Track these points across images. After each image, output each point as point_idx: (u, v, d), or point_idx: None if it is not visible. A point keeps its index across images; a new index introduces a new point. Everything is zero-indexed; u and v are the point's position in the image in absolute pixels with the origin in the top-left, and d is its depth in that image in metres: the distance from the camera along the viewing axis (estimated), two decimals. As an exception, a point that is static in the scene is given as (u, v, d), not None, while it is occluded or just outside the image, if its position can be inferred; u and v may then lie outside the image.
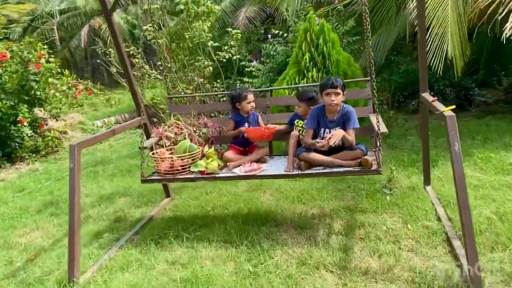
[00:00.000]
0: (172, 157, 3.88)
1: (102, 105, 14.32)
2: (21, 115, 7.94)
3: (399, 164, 5.35)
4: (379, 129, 3.45)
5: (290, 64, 6.10)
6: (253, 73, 8.63)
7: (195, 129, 4.36)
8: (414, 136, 6.59)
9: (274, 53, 8.22)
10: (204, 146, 4.23)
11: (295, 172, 3.66)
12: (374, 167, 3.48)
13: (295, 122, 4.11)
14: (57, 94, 8.86)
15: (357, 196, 4.60)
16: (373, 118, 3.63)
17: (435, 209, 4.01)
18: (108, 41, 15.59)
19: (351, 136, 3.66)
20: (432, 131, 6.42)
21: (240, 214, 4.43)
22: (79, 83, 9.22)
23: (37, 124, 8.43)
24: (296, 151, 3.76)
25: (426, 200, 4.26)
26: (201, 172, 3.85)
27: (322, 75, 5.68)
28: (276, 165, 3.94)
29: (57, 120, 8.90)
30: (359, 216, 4.10)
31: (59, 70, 8.81)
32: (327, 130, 3.77)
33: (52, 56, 8.80)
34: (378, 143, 3.48)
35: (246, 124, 4.22)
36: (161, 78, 6.00)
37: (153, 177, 3.96)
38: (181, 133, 4.22)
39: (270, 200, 4.75)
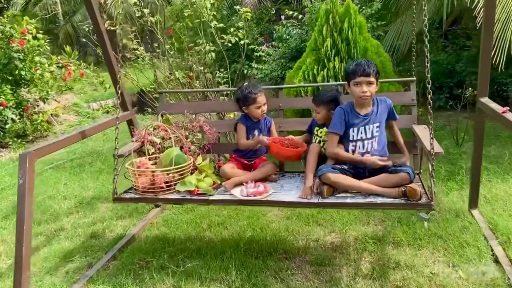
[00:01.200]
0: (153, 171, 3.01)
1: (101, 86, 13.48)
2: (2, 97, 7.09)
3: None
4: (433, 148, 2.55)
5: (307, 51, 5.16)
6: (263, 58, 7.70)
7: (187, 133, 3.48)
8: (447, 140, 5.67)
9: (287, 37, 7.28)
10: (197, 156, 3.35)
11: (314, 200, 2.77)
12: (423, 199, 2.59)
13: (315, 130, 3.21)
14: (47, 74, 7.99)
15: (387, 219, 3.72)
16: (422, 132, 2.73)
17: (491, 247, 3.13)
18: (115, 17, 14.64)
19: (398, 131, 3.10)
20: (470, 136, 5.50)
21: (242, 237, 3.58)
22: (71, 63, 8.30)
23: (23, 107, 7.59)
24: (317, 169, 2.87)
25: (476, 231, 3.38)
26: (191, 192, 2.99)
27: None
28: (289, 187, 3.06)
29: (44, 103, 8.05)
30: (391, 250, 3.23)
31: (47, 47, 7.91)
32: (360, 129, 2.91)
33: (41, 31, 7.90)
34: (431, 167, 2.57)
35: (256, 132, 3.34)
36: (155, 62, 5.08)
37: (128, 195, 3.09)
38: (170, 138, 3.33)
39: (278, 218, 3.89)
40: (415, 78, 3.24)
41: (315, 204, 2.75)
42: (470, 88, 5.42)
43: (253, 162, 3.35)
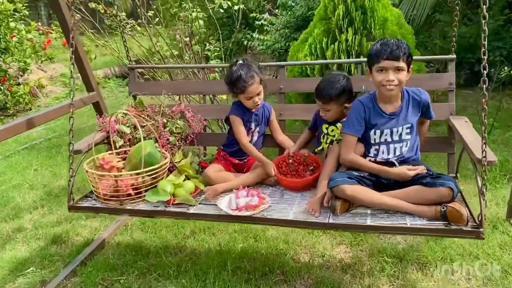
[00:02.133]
0: (116, 174, 2.33)
1: (97, 53, 12.64)
2: (-27, 67, 6.38)
3: (461, 174, 3.75)
4: (485, 156, 1.86)
5: (315, 20, 4.40)
6: (265, 28, 6.92)
7: (166, 120, 2.78)
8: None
9: (292, 3, 6.47)
10: (176, 151, 2.67)
11: (323, 218, 2.10)
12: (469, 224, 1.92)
13: (323, 128, 2.52)
14: (27, 42, 7.24)
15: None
16: (464, 128, 2.07)
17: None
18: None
19: (426, 129, 2.47)
20: (501, 122, 4.81)
21: (231, 250, 2.93)
22: (52, 30, 7.52)
23: (-1, 78, 6.88)
24: (329, 178, 2.19)
25: (521, 249, 2.72)
26: (167, 202, 2.32)
27: (361, 38, 4.01)
28: (291, 195, 2.39)
29: (24, 73, 7.32)
30: (415, 273, 2.58)
31: (27, 12, 7.12)
32: (385, 131, 2.25)
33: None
34: (481, 181, 1.90)
35: (252, 126, 2.64)
36: (139, 30, 4.34)
37: (87, 203, 2.43)
38: (143, 126, 2.64)
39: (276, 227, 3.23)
40: (454, 56, 2.51)
41: (324, 225, 2.08)
42: (505, 68, 4.67)
43: (245, 161, 2.67)
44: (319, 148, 2.57)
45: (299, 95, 4.02)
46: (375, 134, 2.24)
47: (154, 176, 2.37)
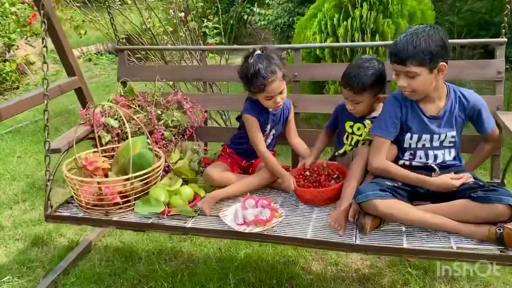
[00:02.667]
0: (100, 181, 1.95)
1: (88, 28, 12.04)
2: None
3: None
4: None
5: (324, -7, 3.97)
6: (267, 1, 6.46)
7: (160, 112, 2.39)
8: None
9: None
10: (172, 149, 2.29)
11: (349, 238, 1.74)
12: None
13: (347, 126, 2.14)
14: (11, 16, 6.73)
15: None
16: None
17: None
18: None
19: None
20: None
21: (234, 258, 2.58)
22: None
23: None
24: (355, 189, 1.83)
25: None
26: (161, 212, 1.95)
27: (377, 15, 3.59)
28: (307, 208, 2.02)
29: (10, 50, 6.85)
30: (446, 290, 2.25)
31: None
32: (423, 137, 1.88)
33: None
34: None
35: (269, 127, 2.24)
36: (129, 3, 3.89)
37: (67, 212, 2.06)
38: (134, 119, 2.26)
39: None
40: (505, 40, 2.11)
41: (351, 247, 1.72)
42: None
43: (252, 161, 2.29)
44: (340, 151, 2.19)
45: (311, 85, 3.61)
46: (411, 138, 1.88)
47: (145, 181, 1.99)
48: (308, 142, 2.27)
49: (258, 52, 2.05)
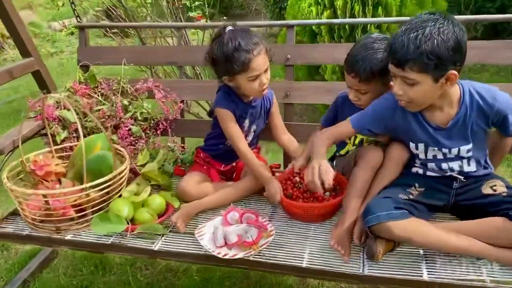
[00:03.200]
0: (45, 193, 1.58)
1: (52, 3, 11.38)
2: None
3: None
4: None
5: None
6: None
7: (127, 102, 2.00)
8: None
9: None
10: (143, 146, 1.92)
11: (356, 267, 1.39)
12: None
13: (348, 120, 1.76)
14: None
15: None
16: None
17: None
18: None
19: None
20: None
21: (217, 269, 2.23)
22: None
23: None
24: (363, 208, 1.48)
25: None
26: (125, 229, 1.59)
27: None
28: (303, 224, 1.65)
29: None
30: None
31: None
32: (431, 148, 1.51)
33: None
34: None
35: (247, 122, 1.84)
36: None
37: (10, 228, 1.69)
38: (97, 111, 1.88)
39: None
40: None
41: (359, 278, 1.37)
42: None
43: (234, 164, 1.92)
44: (342, 152, 1.82)
45: (306, 69, 3.21)
46: (416, 149, 1.54)
47: (105, 190, 1.63)
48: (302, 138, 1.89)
49: (230, 27, 1.66)
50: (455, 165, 1.52)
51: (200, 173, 1.81)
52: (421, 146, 1.52)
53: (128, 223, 1.59)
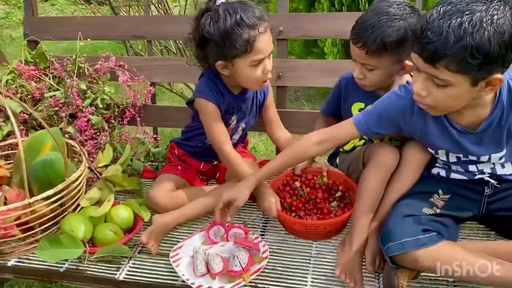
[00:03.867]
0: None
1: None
2: None
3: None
4: None
5: None
6: None
7: (86, 85, 1.64)
8: None
9: None
10: (105, 140, 1.59)
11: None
12: None
13: (354, 107, 1.45)
14: None
15: None
16: None
17: None
18: None
19: None
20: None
21: None
22: None
23: None
24: (375, 223, 1.19)
25: None
26: (84, 252, 1.27)
27: None
28: (302, 242, 1.35)
29: None
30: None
31: None
32: (454, 154, 1.23)
33: None
34: None
35: (234, 118, 1.49)
36: None
37: None
38: (48, 98, 1.52)
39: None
40: None
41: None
42: None
43: (215, 162, 1.60)
44: (346, 147, 1.50)
45: (304, 43, 2.83)
46: (436, 153, 1.24)
47: (58, 203, 1.30)
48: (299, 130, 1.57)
49: (223, 0, 1.30)
50: (485, 167, 1.23)
51: (175, 176, 1.48)
52: (441, 152, 1.23)
53: (85, 246, 1.27)
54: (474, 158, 1.20)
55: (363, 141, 1.46)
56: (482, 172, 1.24)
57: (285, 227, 1.38)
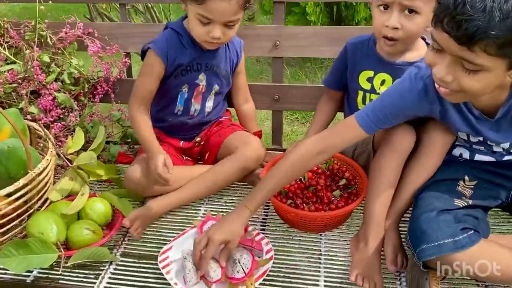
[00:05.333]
0: None
1: None
2: None
3: None
4: None
5: None
6: None
7: (49, 57, 1.40)
8: None
9: None
10: (74, 124, 1.37)
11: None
12: None
13: (361, 77, 1.29)
14: None
15: None
16: None
17: None
18: None
19: None
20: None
21: None
22: None
23: None
24: (413, 229, 1.01)
25: None
26: (58, 258, 1.08)
27: None
28: (310, 238, 1.19)
29: None
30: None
31: None
32: (472, 138, 1.06)
33: None
34: None
35: (202, 77, 1.30)
36: None
37: None
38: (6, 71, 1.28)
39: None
40: None
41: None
42: None
43: (198, 140, 1.40)
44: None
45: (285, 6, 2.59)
46: (457, 133, 1.09)
47: (22, 199, 1.09)
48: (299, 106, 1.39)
49: None
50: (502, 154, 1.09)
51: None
52: (462, 134, 1.07)
53: (60, 249, 1.08)
54: (496, 148, 1.06)
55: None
56: (509, 152, 1.09)
57: (279, 215, 1.23)
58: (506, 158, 1.10)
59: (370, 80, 1.27)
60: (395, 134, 1.12)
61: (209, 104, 1.36)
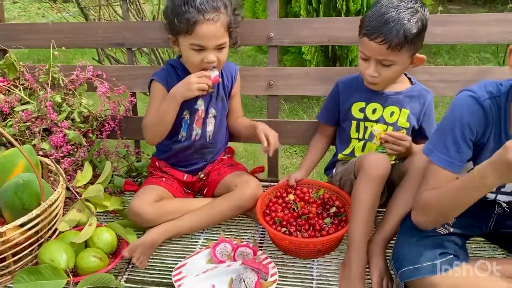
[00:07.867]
0: None
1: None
2: None
3: None
4: None
5: None
6: None
7: (61, 98, 1.52)
8: None
9: None
10: (83, 159, 1.47)
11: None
12: None
13: (354, 108, 1.40)
14: None
15: None
16: None
17: None
18: None
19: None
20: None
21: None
22: None
23: None
24: (395, 252, 1.10)
25: None
26: (67, 283, 1.16)
27: None
28: (299, 263, 1.26)
29: None
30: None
31: None
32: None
33: None
34: None
35: (201, 102, 1.42)
36: None
37: None
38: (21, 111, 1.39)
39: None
40: None
41: None
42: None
43: (202, 176, 1.49)
44: (346, 151, 1.43)
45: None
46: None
47: (34, 230, 1.18)
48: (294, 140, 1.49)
49: None
50: (502, 197, 1.15)
51: (159, 187, 1.38)
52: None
53: (69, 276, 1.15)
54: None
55: (362, 142, 1.38)
56: (504, 193, 1.15)
57: (274, 242, 1.30)
58: (497, 197, 1.14)
59: (362, 110, 1.38)
60: (370, 165, 1.21)
61: (210, 129, 1.45)
